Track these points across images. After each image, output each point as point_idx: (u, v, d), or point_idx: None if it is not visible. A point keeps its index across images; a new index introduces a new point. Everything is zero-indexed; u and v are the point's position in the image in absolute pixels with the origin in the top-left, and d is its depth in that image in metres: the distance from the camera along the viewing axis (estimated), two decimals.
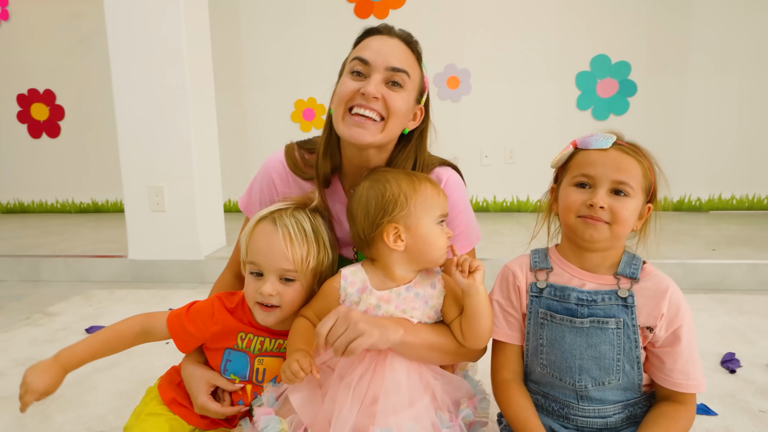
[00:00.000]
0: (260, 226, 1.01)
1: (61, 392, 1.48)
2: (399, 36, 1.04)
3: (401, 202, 0.94)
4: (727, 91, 3.67)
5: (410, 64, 1.03)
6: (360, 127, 1.00)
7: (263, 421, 0.93)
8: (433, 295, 0.99)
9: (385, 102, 1.00)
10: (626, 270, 0.94)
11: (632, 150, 0.93)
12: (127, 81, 2.52)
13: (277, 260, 0.97)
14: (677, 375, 0.91)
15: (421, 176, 1.00)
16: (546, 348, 0.96)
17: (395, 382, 0.94)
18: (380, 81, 1.00)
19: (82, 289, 2.58)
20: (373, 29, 1.05)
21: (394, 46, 1.02)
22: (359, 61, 1.00)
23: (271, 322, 1.00)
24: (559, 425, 0.96)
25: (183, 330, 1.04)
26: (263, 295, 0.97)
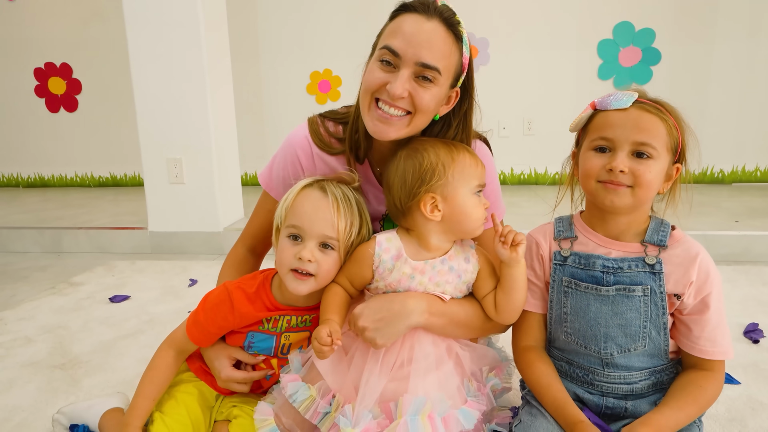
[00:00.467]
0: (306, 191, 0.98)
1: (89, 358, 1.55)
2: (439, 15, 0.92)
3: (439, 171, 0.92)
4: (755, 58, 3.53)
5: (446, 54, 0.93)
6: (384, 123, 0.96)
7: (291, 388, 0.94)
8: (467, 269, 0.98)
9: (412, 99, 0.93)
10: (654, 237, 0.91)
11: (655, 108, 0.88)
12: (144, 54, 2.51)
13: (322, 225, 0.94)
14: (704, 342, 0.89)
15: (459, 145, 0.97)
16: (570, 316, 0.95)
17: (422, 350, 0.95)
18: (408, 77, 0.92)
19: (104, 260, 2.63)
20: (409, 5, 0.94)
21: (429, 33, 0.91)
22: (388, 51, 0.92)
23: (304, 290, 0.95)
24: (584, 391, 0.95)
25: (206, 335, 1.03)
26: (302, 260, 0.93)
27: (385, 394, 0.91)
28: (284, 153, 1.15)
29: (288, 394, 0.94)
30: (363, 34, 3.97)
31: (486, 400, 0.96)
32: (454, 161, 0.94)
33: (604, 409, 0.94)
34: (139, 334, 1.71)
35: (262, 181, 1.21)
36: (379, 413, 0.89)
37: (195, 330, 1.02)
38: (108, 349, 1.60)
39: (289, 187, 1.14)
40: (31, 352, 1.60)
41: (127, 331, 1.73)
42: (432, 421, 0.88)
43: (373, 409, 0.89)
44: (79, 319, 1.85)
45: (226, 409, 1.08)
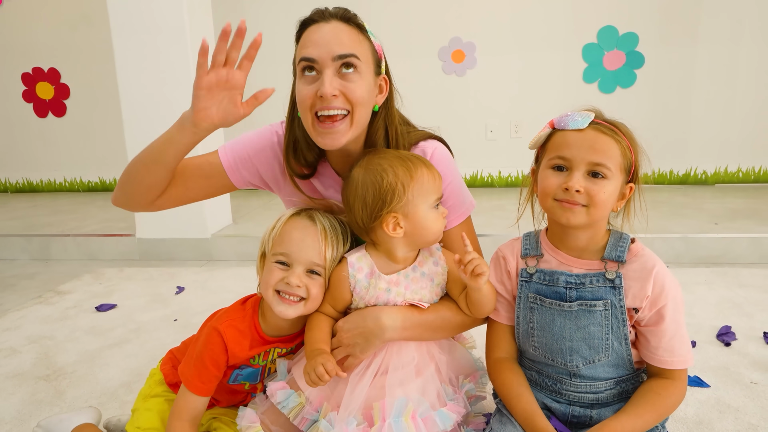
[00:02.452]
0: (294, 219, 1.01)
1: (73, 369, 1.56)
2: (334, 16, 0.99)
3: (399, 192, 0.94)
4: (736, 62, 3.58)
5: (356, 42, 0.98)
6: (331, 133, 0.98)
7: (280, 395, 0.96)
8: (437, 272, 1.02)
9: (344, 96, 0.96)
10: (612, 253, 0.94)
11: (610, 129, 0.90)
12: (130, 58, 2.52)
13: (310, 253, 0.97)
14: (662, 352, 0.92)
15: (415, 160, 0.99)
16: (537, 331, 0.98)
17: (407, 355, 0.98)
18: (332, 75, 0.96)
19: (92, 267, 2.64)
20: (307, 20, 1.01)
21: (333, 31, 0.96)
22: (305, 61, 0.97)
23: (292, 314, 0.97)
24: (552, 400, 0.99)
25: (214, 382, 1.01)
26: (290, 285, 0.96)
27: (368, 401, 0.94)
28: (263, 145, 1.15)
29: (277, 401, 0.96)
30: None
31: (462, 404, 0.99)
32: (412, 179, 0.95)
33: (571, 417, 0.97)
34: (124, 344, 1.73)
35: (223, 151, 1.15)
36: (362, 420, 0.92)
37: (197, 380, 0.99)
38: (93, 360, 1.62)
39: (247, 167, 1.14)
40: (16, 363, 1.61)
41: (112, 341, 1.75)
42: (415, 421, 0.92)
43: (357, 415, 0.92)
44: (65, 329, 1.86)
45: (205, 421, 1.10)
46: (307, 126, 1.01)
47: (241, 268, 2.49)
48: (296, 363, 1.03)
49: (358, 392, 0.94)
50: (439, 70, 3.82)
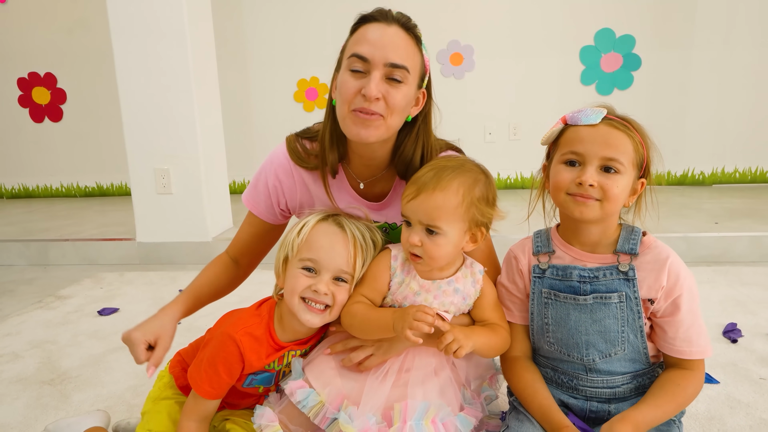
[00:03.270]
0: (322, 225, 0.99)
1: (78, 372, 1.54)
2: (397, 21, 0.99)
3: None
4: (731, 64, 3.63)
5: (410, 54, 0.99)
6: (364, 127, 0.98)
7: (300, 394, 0.95)
8: (471, 293, 1.01)
9: (385, 100, 0.97)
10: (625, 246, 0.94)
11: (622, 124, 0.91)
12: (130, 62, 2.51)
13: (339, 260, 0.96)
14: (680, 343, 0.92)
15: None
16: (552, 327, 0.98)
17: (424, 359, 0.98)
18: (380, 79, 0.96)
19: (92, 272, 2.61)
20: (368, 16, 1.00)
21: (392, 36, 0.97)
22: (357, 57, 0.97)
23: (318, 323, 0.96)
24: (569, 396, 0.98)
25: (225, 387, 0.99)
26: (318, 292, 0.94)
27: (388, 401, 0.94)
28: (265, 172, 1.17)
29: (297, 400, 0.95)
30: None
31: (480, 408, 0.99)
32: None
33: (588, 413, 0.97)
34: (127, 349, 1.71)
35: (246, 201, 1.21)
36: (381, 420, 0.92)
37: (209, 387, 0.97)
38: (98, 363, 1.60)
39: (271, 207, 1.17)
40: (19, 368, 1.59)
41: (116, 345, 1.73)
42: (435, 425, 0.91)
43: (376, 413, 0.92)
44: (68, 333, 1.84)
45: (218, 422, 1.08)
46: (341, 115, 1.01)
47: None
48: (310, 363, 1.02)
49: (380, 392, 0.94)
50: (437, 72, 3.83)
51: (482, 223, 0.97)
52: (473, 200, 0.93)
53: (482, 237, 0.98)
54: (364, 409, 0.91)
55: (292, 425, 0.96)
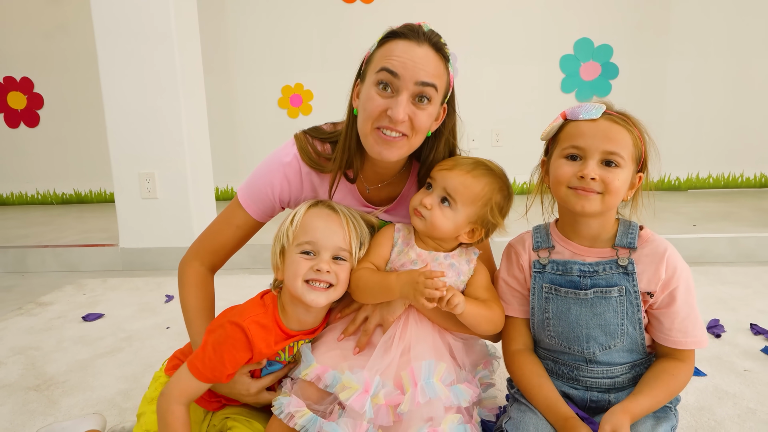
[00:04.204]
0: (314, 210, 1.02)
1: (65, 378, 1.51)
2: (428, 41, 0.98)
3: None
4: (704, 74, 3.76)
5: (439, 73, 0.99)
6: (387, 147, 0.99)
7: (328, 377, 0.95)
8: (465, 270, 1.05)
9: (411, 121, 0.97)
10: (623, 240, 0.97)
11: (622, 119, 0.94)
12: (115, 65, 2.48)
13: (335, 238, 0.98)
14: (675, 333, 0.95)
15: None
16: (552, 321, 1.00)
17: (423, 339, 1.01)
18: (408, 99, 0.96)
19: (73, 278, 2.55)
20: (399, 32, 0.98)
21: (423, 56, 0.96)
22: (388, 72, 0.95)
23: (323, 302, 0.97)
24: (569, 387, 1.00)
25: (223, 375, 0.96)
26: (320, 271, 0.95)
27: (396, 372, 0.96)
28: (270, 171, 1.13)
29: (325, 384, 0.95)
30: (335, 49, 4.03)
31: (476, 388, 1.01)
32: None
33: (589, 402, 0.99)
34: (117, 352, 1.67)
35: (242, 195, 1.17)
36: (394, 388, 0.93)
37: (209, 372, 0.94)
38: (85, 368, 1.56)
39: (270, 207, 1.16)
40: (2, 375, 1.54)
41: (104, 350, 1.69)
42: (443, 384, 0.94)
43: (386, 383, 0.93)
44: (52, 339, 1.79)
45: (218, 422, 1.07)
46: (364, 131, 1.01)
47: (231, 276, 2.45)
48: (316, 350, 1.02)
49: (385, 360, 0.97)
50: None
51: (487, 225, 1.03)
52: (492, 201, 1.01)
53: (479, 237, 1.04)
54: (370, 372, 0.94)
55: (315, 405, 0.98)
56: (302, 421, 0.92)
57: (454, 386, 0.97)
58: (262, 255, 2.56)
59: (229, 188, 4.17)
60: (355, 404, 0.90)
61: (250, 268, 2.58)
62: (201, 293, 1.16)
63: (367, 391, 0.92)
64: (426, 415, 0.92)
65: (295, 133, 1.15)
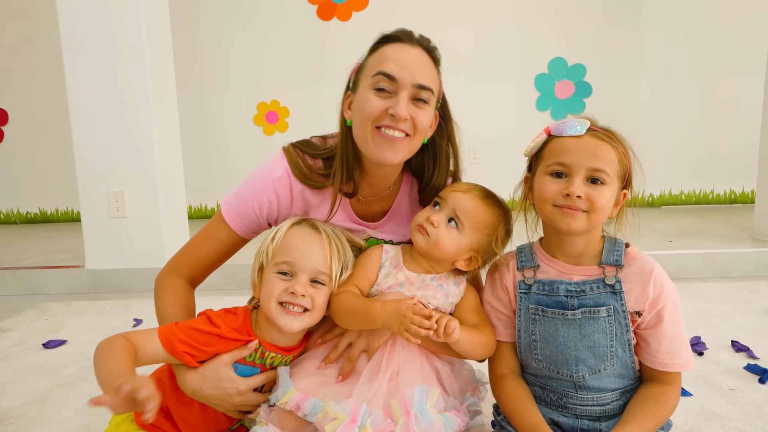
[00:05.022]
0: (296, 228, 0.98)
1: (21, 412, 1.40)
2: (420, 44, 0.98)
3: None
4: (674, 93, 3.87)
5: (434, 76, 0.99)
6: (390, 149, 0.97)
7: (308, 406, 0.90)
8: (454, 292, 1.03)
9: (413, 121, 0.96)
10: (609, 258, 0.95)
11: (607, 136, 0.92)
12: (84, 80, 2.39)
13: (314, 260, 0.94)
14: (663, 355, 0.92)
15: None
16: (540, 343, 0.96)
17: (410, 364, 0.96)
18: (408, 99, 0.95)
19: (35, 302, 2.42)
20: (393, 36, 0.98)
21: (417, 58, 0.96)
22: (384, 76, 0.94)
23: (297, 327, 0.93)
24: (559, 414, 0.96)
25: (196, 351, 0.92)
26: (295, 294, 0.91)
27: (385, 400, 0.91)
28: (258, 186, 1.08)
29: (305, 412, 0.90)
30: (311, 66, 4.01)
31: (464, 416, 0.97)
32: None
33: (579, 431, 0.95)
34: (79, 382, 1.57)
35: (226, 209, 1.11)
36: (383, 417, 0.88)
37: (181, 344, 0.90)
38: (43, 401, 1.46)
39: (255, 223, 1.11)
40: None
41: (65, 379, 1.59)
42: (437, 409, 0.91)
43: (376, 412, 0.89)
44: (8, 369, 1.68)
45: None
46: (363, 136, 0.98)
47: (205, 297, 2.34)
48: (295, 376, 0.97)
49: (372, 388, 0.91)
50: None
51: (486, 255, 1.02)
52: (496, 232, 1.01)
53: (475, 265, 1.02)
54: (357, 401, 0.89)
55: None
56: None
57: (443, 414, 0.92)
58: (237, 276, 2.48)
59: (203, 206, 4.07)
60: None
61: (224, 289, 2.49)
62: (179, 301, 1.10)
63: (354, 421, 0.87)
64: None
65: (283, 146, 1.10)
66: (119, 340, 0.87)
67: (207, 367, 0.95)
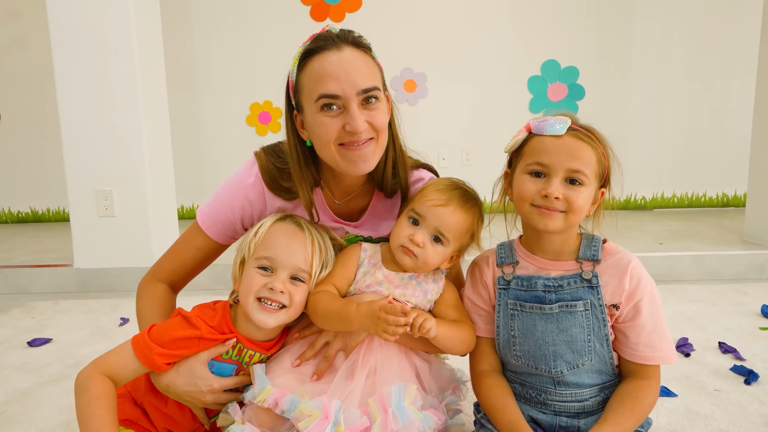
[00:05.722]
0: (280, 224, 0.97)
1: (2, 409, 1.39)
2: (345, 41, 0.93)
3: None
4: (666, 95, 3.88)
5: (372, 70, 0.95)
6: (362, 160, 0.96)
7: (286, 402, 0.89)
8: (433, 289, 1.02)
9: (371, 125, 0.94)
10: (587, 253, 0.95)
11: (587, 135, 0.92)
12: (73, 78, 2.38)
13: (296, 257, 0.93)
14: (642, 348, 0.92)
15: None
16: (519, 339, 0.96)
17: (388, 362, 0.95)
18: (358, 108, 0.92)
19: (22, 301, 2.40)
20: (315, 48, 0.93)
21: (350, 61, 0.92)
22: (327, 98, 0.91)
23: (272, 323, 0.92)
24: (538, 411, 0.96)
25: (167, 356, 0.91)
26: (273, 290, 0.91)
27: (362, 398, 0.91)
28: (231, 194, 1.08)
29: (282, 409, 0.89)
30: None
31: (443, 415, 0.96)
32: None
33: (558, 428, 0.94)
34: (62, 380, 1.56)
35: (201, 217, 1.12)
36: (359, 414, 0.88)
37: (160, 357, 0.89)
38: (25, 398, 1.44)
39: (231, 229, 1.11)
40: None
41: (48, 378, 1.57)
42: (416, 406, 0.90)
43: (354, 411, 0.88)
44: None
45: None
46: (331, 156, 0.97)
47: (193, 297, 2.33)
48: (271, 373, 0.96)
49: (351, 383, 0.91)
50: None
51: (463, 249, 1.03)
52: (473, 231, 1.01)
53: (456, 261, 1.04)
54: (331, 398, 0.88)
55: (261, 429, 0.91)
56: None
57: (421, 412, 0.92)
58: (225, 276, 2.46)
59: (194, 206, 4.06)
60: (315, 431, 0.84)
61: (213, 289, 2.48)
62: (157, 303, 1.10)
63: (327, 418, 0.86)
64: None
65: (255, 151, 1.10)
66: (97, 385, 0.87)
67: (182, 364, 0.94)
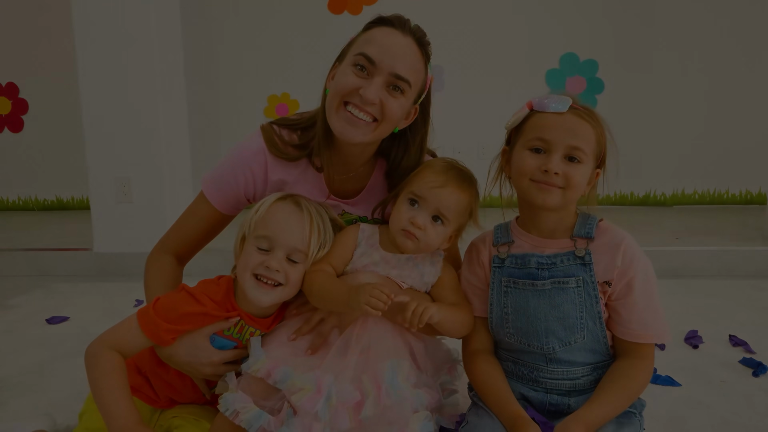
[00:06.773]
0: (280, 204, 0.99)
1: (18, 380, 1.45)
2: (412, 34, 0.98)
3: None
4: (688, 90, 3.79)
5: (416, 69, 0.98)
6: (352, 126, 0.97)
7: (279, 373, 0.90)
8: (430, 272, 1.03)
9: (382, 106, 0.96)
10: (581, 230, 0.95)
11: (587, 115, 0.93)
12: (94, 69, 2.45)
13: (293, 238, 0.95)
14: (635, 325, 0.91)
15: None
16: (511, 316, 0.97)
17: (382, 341, 0.96)
18: (381, 85, 0.95)
19: (44, 282, 2.49)
20: (386, 20, 0.98)
21: (404, 47, 0.96)
22: (364, 57, 0.95)
23: (267, 301, 0.94)
24: (529, 389, 0.96)
25: (171, 331, 0.94)
26: (269, 269, 0.93)
27: (354, 375, 0.91)
28: (235, 164, 1.11)
29: (276, 380, 0.90)
30: (321, 58, 4.01)
31: (437, 393, 0.96)
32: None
33: (548, 406, 0.95)
34: (76, 356, 1.61)
35: (206, 186, 1.15)
36: (352, 389, 0.88)
37: (167, 333, 0.92)
38: (40, 371, 1.51)
39: (234, 199, 1.13)
40: None
41: (63, 352, 1.64)
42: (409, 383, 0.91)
43: (346, 386, 0.89)
44: (11, 342, 1.73)
45: (165, 421, 1.03)
46: (330, 107, 0.99)
47: None
48: (267, 346, 0.98)
49: (345, 360, 0.91)
50: None
51: (464, 227, 1.03)
52: (471, 209, 1.02)
53: (455, 240, 1.05)
54: (324, 373, 0.89)
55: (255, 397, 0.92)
56: (248, 417, 0.87)
57: (416, 391, 0.92)
58: None
59: None
60: (307, 404, 0.86)
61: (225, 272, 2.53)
62: (164, 275, 1.14)
63: (319, 393, 0.87)
64: (391, 418, 0.88)
65: (261, 124, 1.12)
66: (107, 360, 0.92)
67: (186, 336, 0.97)
